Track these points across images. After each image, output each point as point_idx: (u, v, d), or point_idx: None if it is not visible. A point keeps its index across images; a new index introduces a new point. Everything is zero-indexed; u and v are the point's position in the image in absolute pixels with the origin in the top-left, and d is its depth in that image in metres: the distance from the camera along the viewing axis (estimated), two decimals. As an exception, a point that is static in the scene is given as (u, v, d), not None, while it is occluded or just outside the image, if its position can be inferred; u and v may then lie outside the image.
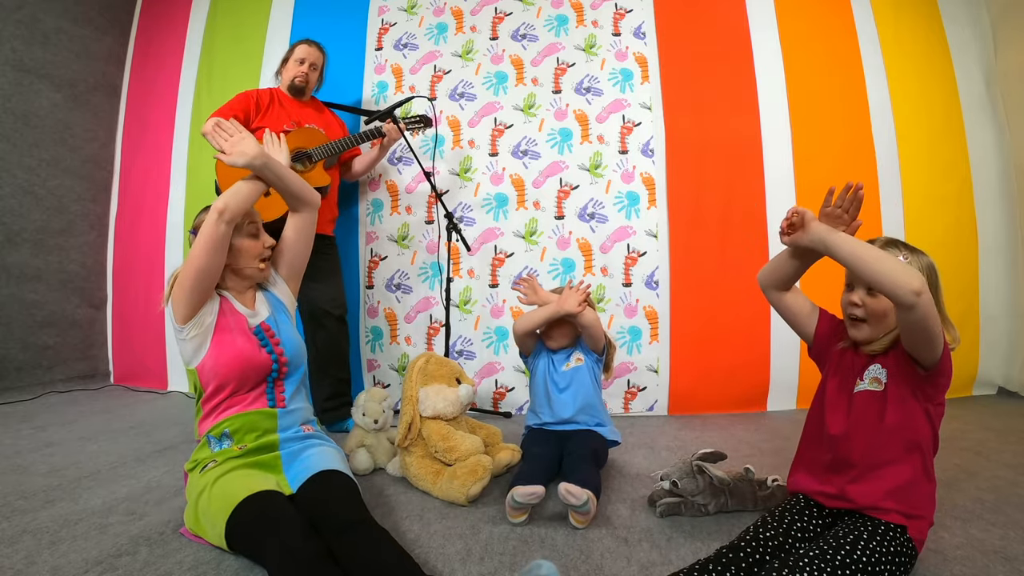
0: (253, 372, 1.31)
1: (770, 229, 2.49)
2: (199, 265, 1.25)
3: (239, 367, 1.29)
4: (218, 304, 1.34)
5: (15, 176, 2.74)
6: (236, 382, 1.29)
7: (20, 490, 1.47)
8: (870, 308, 1.05)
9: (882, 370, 1.05)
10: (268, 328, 1.37)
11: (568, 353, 1.78)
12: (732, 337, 2.44)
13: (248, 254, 1.38)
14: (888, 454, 1.02)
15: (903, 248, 1.06)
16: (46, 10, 2.87)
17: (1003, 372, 2.57)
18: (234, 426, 1.27)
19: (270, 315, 1.41)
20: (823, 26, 2.62)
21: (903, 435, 1.01)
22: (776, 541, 1.01)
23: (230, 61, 2.94)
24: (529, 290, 1.79)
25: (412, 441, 1.56)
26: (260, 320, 1.38)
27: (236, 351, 1.29)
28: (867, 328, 1.07)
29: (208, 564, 1.10)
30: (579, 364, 1.75)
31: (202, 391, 1.31)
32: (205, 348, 1.29)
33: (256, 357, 1.32)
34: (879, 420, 1.03)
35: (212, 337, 1.29)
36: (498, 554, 1.15)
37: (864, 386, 1.06)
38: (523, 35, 2.70)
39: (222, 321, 1.32)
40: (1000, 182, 2.59)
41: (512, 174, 2.62)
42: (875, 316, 1.05)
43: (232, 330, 1.32)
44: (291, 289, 1.52)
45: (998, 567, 1.07)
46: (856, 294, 1.07)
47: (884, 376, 1.04)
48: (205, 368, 1.29)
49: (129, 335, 3.09)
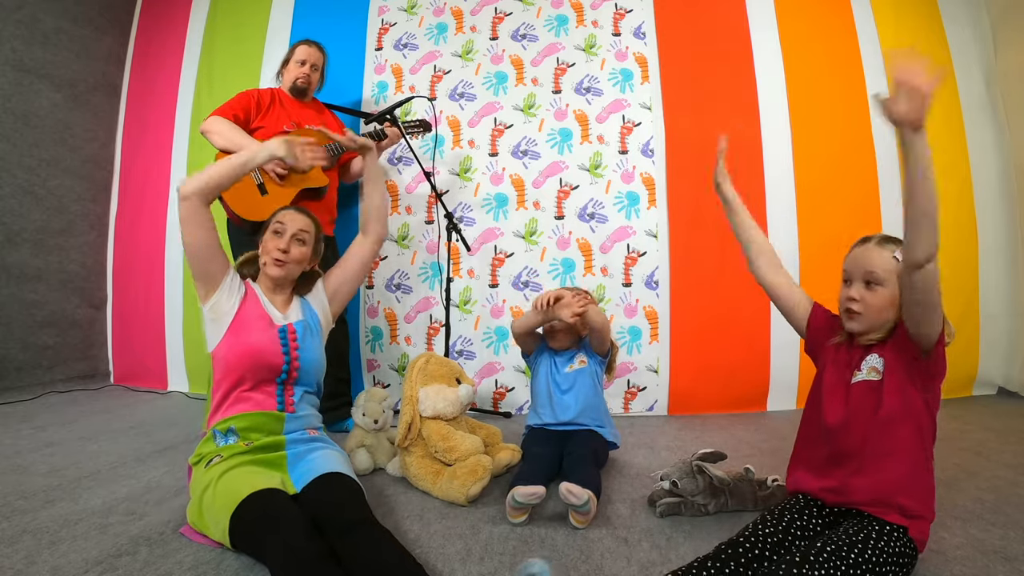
0: (264, 367, 1.32)
1: (770, 229, 2.49)
2: (184, 242, 1.33)
3: (250, 358, 1.30)
4: (242, 294, 1.37)
5: (15, 176, 2.74)
6: (245, 372, 1.30)
7: (20, 490, 1.47)
8: (867, 302, 1.06)
9: (879, 359, 1.06)
10: (293, 331, 1.39)
11: (571, 355, 1.78)
12: (732, 337, 2.44)
13: (263, 249, 1.43)
14: (888, 443, 1.02)
15: (899, 246, 1.06)
16: (46, 10, 2.87)
17: (1003, 372, 2.57)
18: (241, 424, 1.29)
19: (301, 321, 1.43)
20: (823, 26, 2.62)
21: (902, 423, 1.02)
22: (776, 538, 1.01)
23: (230, 61, 2.94)
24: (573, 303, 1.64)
25: (412, 441, 1.56)
26: (287, 322, 1.40)
27: (250, 342, 1.31)
28: (863, 320, 1.07)
29: (208, 564, 1.10)
30: (582, 367, 1.74)
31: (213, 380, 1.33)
32: (221, 333, 1.32)
33: (270, 352, 1.33)
34: (877, 409, 1.03)
35: (230, 324, 1.32)
36: (498, 554, 1.15)
37: (862, 376, 1.07)
38: (523, 35, 2.70)
39: (243, 311, 1.35)
40: (1000, 182, 2.59)
41: (512, 174, 2.62)
42: (871, 310, 1.06)
43: (252, 321, 1.34)
44: (332, 311, 1.54)
45: (998, 567, 1.07)
46: (854, 289, 1.08)
47: (881, 365, 1.05)
48: (219, 354, 1.32)
49: (129, 335, 3.09)
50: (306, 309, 1.48)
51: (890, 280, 1.04)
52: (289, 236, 1.41)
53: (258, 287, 1.43)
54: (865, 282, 1.07)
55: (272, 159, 1.43)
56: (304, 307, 1.48)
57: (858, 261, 1.09)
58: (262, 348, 1.32)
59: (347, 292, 1.58)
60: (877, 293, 1.05)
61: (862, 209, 2.50)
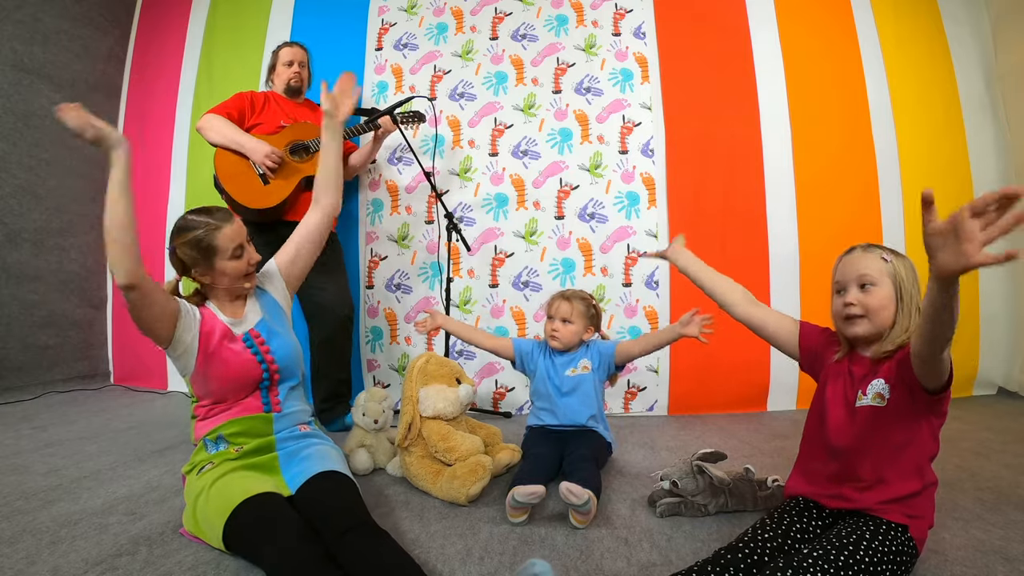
0: (243, 383, 1.30)
1: (770, 229, 2.49)
2: (141, 327, 1.20)
3: (228, 381, 1.28)
4: (198, 320, 1.29)
5: (15, 176, 2.74)
6: (226, 393, 1.29)
7: (20, 490, 1.47)
8: (866, 303, 1.06)
9: (885, 385, 1.04)
10: (257, 335, 1.34)
11: (571, 357, 1.75)
12: (732, 337, 2.40)
13: (232, 275, 1.33)
14: (897, 470, 1.02)
15: (884, 250, 1.08)
16: (46, 10, 2.87)
17: (1003, 372, 2.57)
18: (229, 430, 1.27)
19: (261, 319, 1.37)
20: (823, 26, 2.62)
21: (911, 452, 1.01)
22: (775, 543, 1.00)
23: (230, 61, 2.94)
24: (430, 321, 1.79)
25: (412, 441, 1.56)
26: (248, 327, 1.35)
27: (223, 365, 1.27)
28: (866, 323, 1.06)
29: (208, 564, 1.10)
30: (586, 372, 1.72)
31: (196, 399, 1.33)
32: (192, 363, 1.27)
33: (244, 368, 1.30)
34: (887, 438, 1.02)
35: (197, 354, 1.26)
36: (498, 554, 1.15)
37: (867, 401, 1.05)
38: (523, 35, 2.70)
39: (205, 336, 1.27)
40: (1000, 182, 2.58)
41: (512, 174, 2.61)
42: (871, 311, 1.05)
43: (217, 343, 1.28)
44: (290, 289, 1.50)
45: (998, 567, 1.07)
46: (850, 294, 1.08)
47: (887, 392, 1.03)
48: (196, 380, 1.30)
49: (129, 335, 3.09)
50: (263, 302, 1.41)
51: (883, 280, 1.05)
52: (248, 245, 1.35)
53: (211, 304, 1.36)
54: (860, 286, 1.07)
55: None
56: (261, 301, 1.41)
57: (849, 268, 1.09)
58: (237, 366, 1.28)
59: (301, 267, 1.51)
60: (873, 293, 1.05)
61: (862, 209, 2.50)
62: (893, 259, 1.06)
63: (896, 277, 1.05)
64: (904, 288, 1.05)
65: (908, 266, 1.07)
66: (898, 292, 1.05)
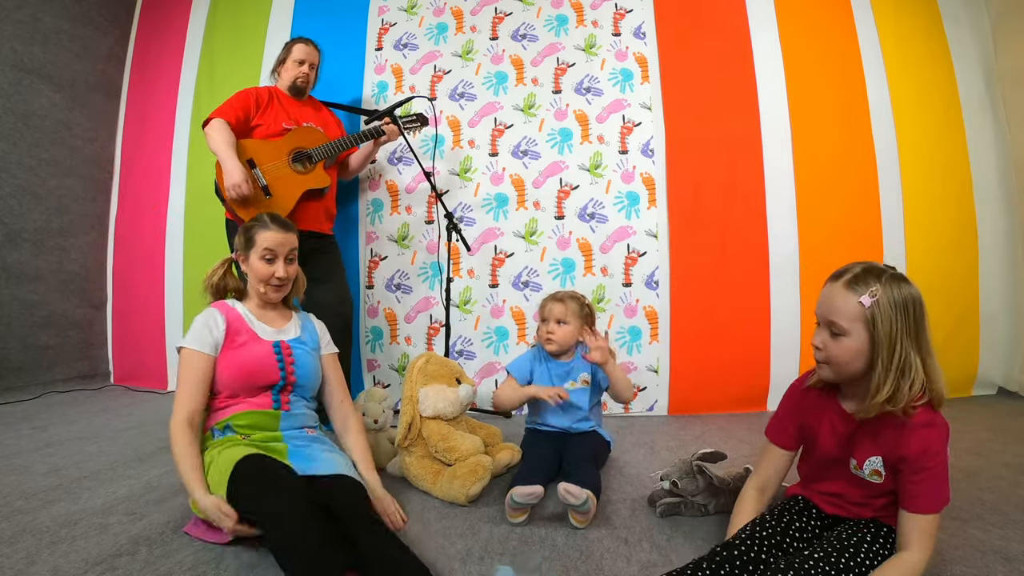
0: (259, 381, 1.34)
1: (770, 229, 2.49)
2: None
3: (247, 377, 1.33)
4: (224, 320, 1.36)
5: (15, 176, 2.74)
6: (239, 390, 1.33)
7: (20, 490, 1.47)
8: (830, 352, 0.98)
9: (881, 462, 1.00)
10: (287, 348, 1.40)
11: (570, 367, 1.71)
12: (732, 337, 2.44)
13: (256, 275, 1.42)
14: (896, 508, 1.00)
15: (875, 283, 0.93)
16: (46, 10, 2.87)
17: (1003, 372, 2.57)
18: (238, 422, 1.30)
19: (297, 338, 1.44)
20: (823, 26, 2.62)
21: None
22: (774, 540, 1.00)
23: (230, 61, 2.94)
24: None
25: (412, 441, 1.56)
26: (282, 338, 1.41)
27: (242, 363, 1.33)
28: (828, 370, 1.02)
29: (208, 564, 1.10)
30: (585, 387, 1.69)
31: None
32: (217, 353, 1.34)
33: (264, 368, 1.34)
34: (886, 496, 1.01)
35: (222, 350, 1.33)
36: (498, 554, 1.15)
37: (864, 475, 1.02)
38: (523, 35, 2.70)
39: (231, 335, 1.35)
40: (1000, 182, 2.59)
41: (512, 174, 2.61)
42: (833, 362, 0.99)
43: (242, 343, 1.35)
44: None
45: (998, 567, 1.07)
46: (817, 336, 1.01)
47: (883, 468, 1.00)
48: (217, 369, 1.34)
49: (129, 335, 3.09)
50: (306, 329, 1.50)
51: (854, 329, 0.94)
52: (283, 260, 1.42)
53: (242, 307, 1.43)
54: (829, 331, 0.98)
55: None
56: (304, 326, 1.50)
57: (825, 303, 0.99)
58: (257, 364, 1.34)
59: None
60: (841, 344, 0.96)
61: (862, 209, 2.50)
62: (879, 300, 0.91)
63: (874, 325, 0.92)
64: (880, 339, 0.91)
65: (899, 305, 0.91)
66: (874, 343, 0.93)
